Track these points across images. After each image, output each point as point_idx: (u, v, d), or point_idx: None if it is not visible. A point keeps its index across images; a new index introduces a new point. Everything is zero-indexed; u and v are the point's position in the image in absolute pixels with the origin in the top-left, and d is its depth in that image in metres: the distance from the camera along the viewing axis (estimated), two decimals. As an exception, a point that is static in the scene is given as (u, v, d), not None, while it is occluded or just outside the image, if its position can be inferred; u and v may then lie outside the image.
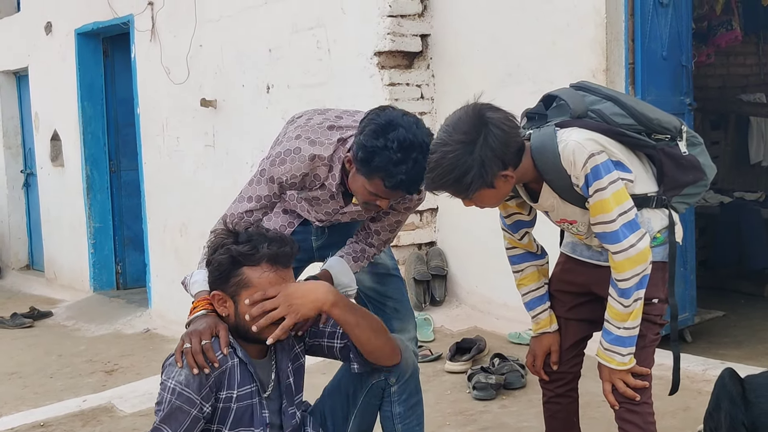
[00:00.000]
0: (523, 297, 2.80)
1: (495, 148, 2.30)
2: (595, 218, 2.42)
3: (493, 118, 2.32)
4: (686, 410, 3.68)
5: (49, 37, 9.03)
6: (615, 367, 2.50)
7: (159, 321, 7.55)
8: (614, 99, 2.53)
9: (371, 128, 2.51)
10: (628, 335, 2.47)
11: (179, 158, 7.30)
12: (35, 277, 10.23)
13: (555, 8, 4.75)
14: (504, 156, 2.33)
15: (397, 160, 2.45)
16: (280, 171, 2.72)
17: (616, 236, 2.39)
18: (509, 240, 2.77)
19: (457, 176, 2.30)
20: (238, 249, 2.35)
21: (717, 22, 6.60)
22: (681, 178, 2.57)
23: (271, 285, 2.35)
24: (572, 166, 2.37)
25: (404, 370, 2.60)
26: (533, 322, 2.80)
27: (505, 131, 2.33)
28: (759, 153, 7.42)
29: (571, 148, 2.36)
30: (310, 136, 2.74)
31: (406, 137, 2.46)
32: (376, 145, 2.47)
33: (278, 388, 2.49)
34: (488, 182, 2.33)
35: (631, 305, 2.44)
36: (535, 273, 2.77)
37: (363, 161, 2.51)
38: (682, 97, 4.80)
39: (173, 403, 2.26)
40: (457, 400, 4.06)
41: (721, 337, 5.19)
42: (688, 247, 4.92)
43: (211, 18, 6.68)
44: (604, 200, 2.37)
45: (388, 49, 5.27)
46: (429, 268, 5.37)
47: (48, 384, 6.04)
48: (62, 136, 9.09)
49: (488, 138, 2.29)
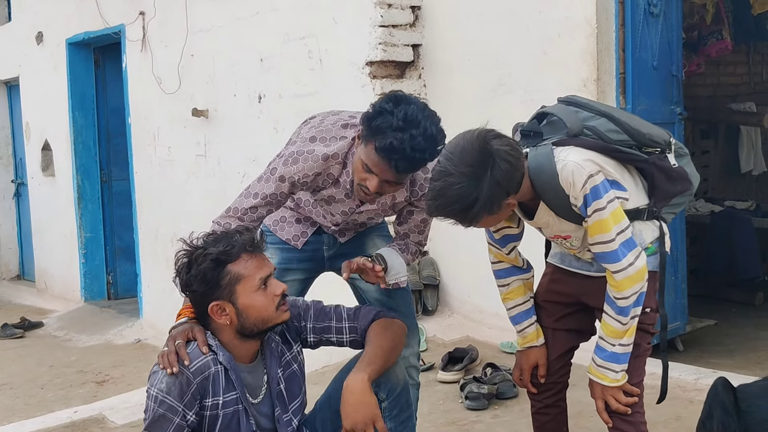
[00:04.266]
0: (509, 311, 2.81)
1: (501, 182, 2.29)
2: (593, 238, 2.43)
3: (500, 151, 2.29)
4: (678, 419, 3.68)
5: (41, 46, 9.02)
6: (608, 384, 2.51)
7: (150, 331, 7.52)
8: (608, 115, 2.53)
9: (388, 95, 2.59)
10: (623, 352, 2.49)
11: (171, 168, 7.29)
12: (26, 287, 10.19)
13: (546, 18, 4.76)
14: (509, 187, 2.34)
15: (396, 126, 2.48)
16: (292, 170, 2.73)
17: (615, 256, 2.40)
18: (495, 254, 2.77)
19: (463, 207, 2.30)
20: (216, 250, 2.36)
21: (707, 31, 6.62)
22: (671, 190, 2.59)
23: (258, 269, 2.39)
24: (571, 187, 2.38)
25: (394, 386, 2.61)
26: (519, 336, 2.80)
27: (511, 163, 2.31)
28: (749, 162, 7.44)
29: (570, 168, 2.37)
30: (325, 136, 2.77)
31: (414, 113, 2.50)
32: (384, 108, 2.53)
33: (269, 394, 2.49)
34: (493, 212, 2.35)
35: (628, 323, 2.46)
36: (521, 287, 2.78)
37: (367, 119, 2.56)
38: (672, 106, 4.82)
39: (156, 411, 2.27)
40: (449, 410, 4.05)
41: (712, 345, 5.20)
42: (679, 256, 4.94)
43: (203, 28, 6.68)
44: (603, 220, 2.38)
45: (380, 59, 5.27)
46: (421, 278, 5.37)
47: (39, 395, 6.01)
48: (53, 145, 9.07)
49: (495, 172, 2.27)
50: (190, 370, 2.31)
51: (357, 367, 2.49)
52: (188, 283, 2.42)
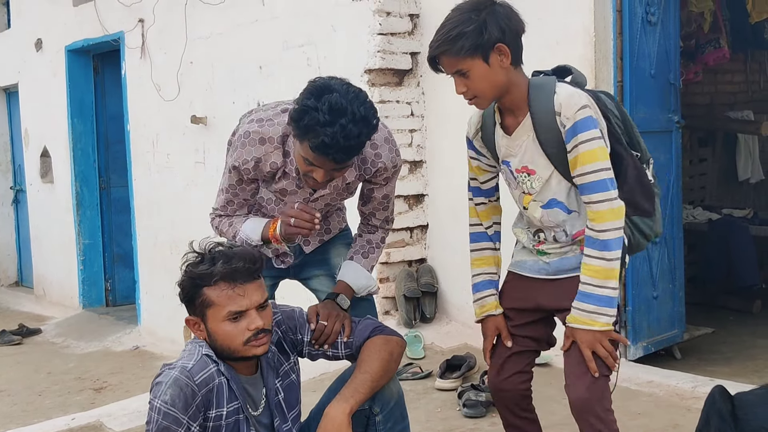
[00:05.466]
0: (474, 278, 2.80)
1: (499, 16, 2.45)
2: (582, 168, 2.46)
3: (502, 3, 2.50)
4: (676, 427, 3.68)
5: (40, 53, 9.04)
6: (599, 328, 2.48)
7: (148, 338, 7.52)
8: (609, 95, 2.66)
9: (308, 89, 2.52)
10: (613, 295, 2.47)
11: (169, 175, 7.29)
12: (24, 293, 10.19)
13: (544, 26, 4.77)
14: (506, 27, 2.46)
15: (324, 121, 2.42)
16: (234, 157, 2.74)
17: (603, 185, 2.44)
18: (470, 210, 2.80)
19: (458, 33, 2.42)
20: (195, 271, 2.37)
21: (705, 40, 6.65)
22: (638, 198, 2.60)
23: (230, 302, 2.35)
24: (567, 108, 2.45)
25: (388, 399, 2.59)
26: (478, 305, 2.78)
27: (511, 10, 2.50)
28: (747, 170, 7.46)
29: (570, 91, 2.48)
30: (262, 117, 2.77)
31: (339, 102, 2.44)
32: (308, 105, 2.46)
33: (268, 405, 2.50)
34: (483, 45, 2.42)
35: (613, 260, 2.45)
36: (491, 257, 2.79)
37: (295, 120, 2.50)
38: (670, 114, 4.83)
39: (160, 424, 2.24)
40: (447, 417, 4.05)
41: (710, 353, 5.20)
42: (677, 264, 4.95)
43: (202, 35, 6.70)
44: (594, 150, 2.44)
45: (378, 66, 5.29)
46: (419, 285, 5.37)
47: (37, 402, 6.00)
48: (52, 152, 9.07)
49: (495, 7, 2.46)
50: (195, 382, 2.30)
51: (342, 395, 2.47)
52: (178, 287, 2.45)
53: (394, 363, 2.61)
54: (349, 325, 2.69)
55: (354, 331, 2.67)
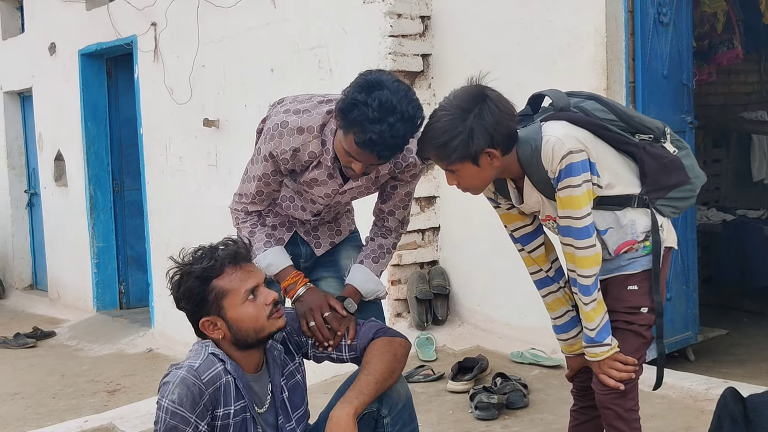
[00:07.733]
0: (555, 320, 2.79)
1: (487, 122, 2.36)
2: (564, 211, 2.46)
3: (493, 97, 2.40)
4: (688, 429, 3.67)
5: (53, 57, 9.08)
6: (603, 358, 2.54)
7: (162, 341, 7.54)
8: (595, 97, 2.61)
9: (359, 82, 2.52)
10: (593, 336, 2.54)
11: (182, 178, 7.32)
12: (38, 296, 10.23)
13: (556, 28, 4.76)
14: (494, 133, 2.37)
15: (373, 118, 2.43)
16: (271, 146, 2.73)
17: (586, 231, 2.46)
18: (524, 259, 2.77)
19: (446, 140, 2.37)
20: (199, 267, 2.38)
21: (718, 40, 6.61)
22: (664, 180, 2.60)
23: (243, 281, 2.38)
24: (551, 162, 2.42)
25: (396, 401, 2.59)
26: (566, 344, 2.79)
27: (501, 110, 2.39)
28: (761, 171, 7.43)
29: (552, 143, 2.42)
30: (299, 108, 2.76)
31: (389, 99, 2.44)
32: (358, 99, 2.46)
33: (273, 403, 2.50)
34: (472, 153, 2.37)
35: (590, 303, 2.50)
36: (562, 298, 2.75)
37: (342, 111, 2.51)
38: (683, 115, 4.81)
39: (168, 423, 2.25)
40: (459, 420, 4.04)
41: (724, 355, 5.17)
42: (691, 265, 4.92)
43: (214, 38, 6.72)
44: (576, 197, 2.43)
45: (390, 68, 5.27)
46: (431, 287, 5.37)
47: (50, 404, 6.03)
48: (66, 156, 9.12)
49: (483, 111, 2.36)
50: (203, 381, 2.30)
51: (346, 397, 2.48)
52: (178, 301, 2.44)
53: (398, 364, 2.60)
54: (353, 328, 2.70)
55: (358, 333, 2.68)
